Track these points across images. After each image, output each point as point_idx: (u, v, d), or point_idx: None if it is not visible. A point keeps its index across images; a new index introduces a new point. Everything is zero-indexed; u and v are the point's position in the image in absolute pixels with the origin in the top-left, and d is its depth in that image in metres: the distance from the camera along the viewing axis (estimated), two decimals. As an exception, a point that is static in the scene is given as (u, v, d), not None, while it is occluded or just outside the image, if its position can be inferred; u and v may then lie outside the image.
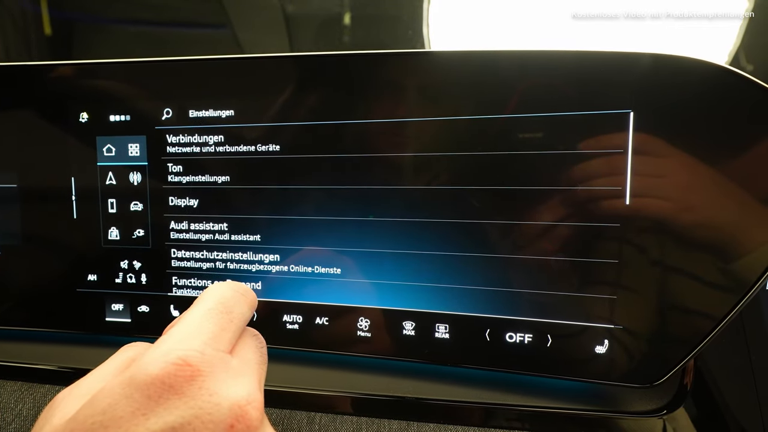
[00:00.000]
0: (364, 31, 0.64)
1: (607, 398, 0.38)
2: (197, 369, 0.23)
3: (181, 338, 0.24)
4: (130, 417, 0.21)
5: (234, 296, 0.28)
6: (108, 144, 0.41)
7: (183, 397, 0.22)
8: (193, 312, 0.26)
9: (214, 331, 0.26)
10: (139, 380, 0.22)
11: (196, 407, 0.22)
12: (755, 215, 0.31)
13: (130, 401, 0.22)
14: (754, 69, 0.58)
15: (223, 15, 0.64)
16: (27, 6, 0.70)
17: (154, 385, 0.22)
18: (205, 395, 0.23)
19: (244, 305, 0.28)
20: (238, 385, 0.24)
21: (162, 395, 0.22)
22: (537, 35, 0.58)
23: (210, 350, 0.24)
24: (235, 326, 0.27)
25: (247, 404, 0.24)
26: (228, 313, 0.27)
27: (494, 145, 0.36)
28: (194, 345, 0.24)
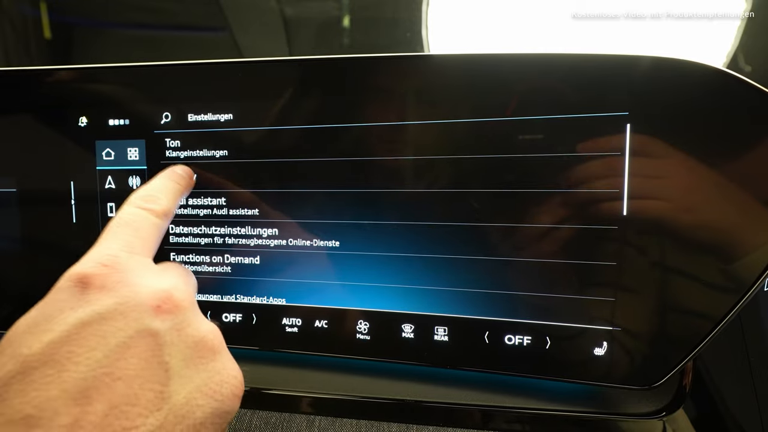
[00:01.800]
0: (363, 33, 0.64)
1: (606, 400, 0.38)
2: (113, 268, 0.25)
3: (97, 250, 0.27)
4: (57, 312, 0.24)
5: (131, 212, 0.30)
6: (107, 148, 0.42)
7: (103, 290, 0.24)
8: (101, 235, 0.29)
9: (124, 239, 0.28)
10: (63, 286, 0.25)
11: (117, 296, 0.24)
12: (753, 216, 0.31)
13: (56, 302, 0.24)
14: (752, 70, 0.58)
15: (222, 19, 0.65)
16: (26, 10, 0.70)
17: (77, 287, 0.24)
18: (126, 286, 0.25)
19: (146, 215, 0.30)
20: (158, 278, 0.27)
21: (85, 291, 0.24)
22: (537, 36, 0.58)
23: (124, 254, 0.27)
24: (144, 233, 0.29)
25: (170, 288, 0.26)
26: (129, 224, 0.29)
27: (493, 147, 0.36)
28: (108, 251, 0.27)
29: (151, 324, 0.24)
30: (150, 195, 0.32)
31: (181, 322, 0.25)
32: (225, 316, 0.41)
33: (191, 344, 0.25)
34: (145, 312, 0.24)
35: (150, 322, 0.24)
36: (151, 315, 0.24)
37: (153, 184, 0.33)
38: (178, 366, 0.24)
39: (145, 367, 0.23)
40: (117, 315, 0.24)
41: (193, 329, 0.26)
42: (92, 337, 0.23)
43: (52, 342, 0.22)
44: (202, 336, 0.26)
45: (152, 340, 0.24)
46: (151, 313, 0.24)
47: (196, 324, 0.26)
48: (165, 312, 0.25)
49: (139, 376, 0.23)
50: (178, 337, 0.25)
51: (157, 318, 0.24)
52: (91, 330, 0.23)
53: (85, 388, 0.21)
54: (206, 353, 0.26)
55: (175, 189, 0.34)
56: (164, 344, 0.24)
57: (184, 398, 0.24)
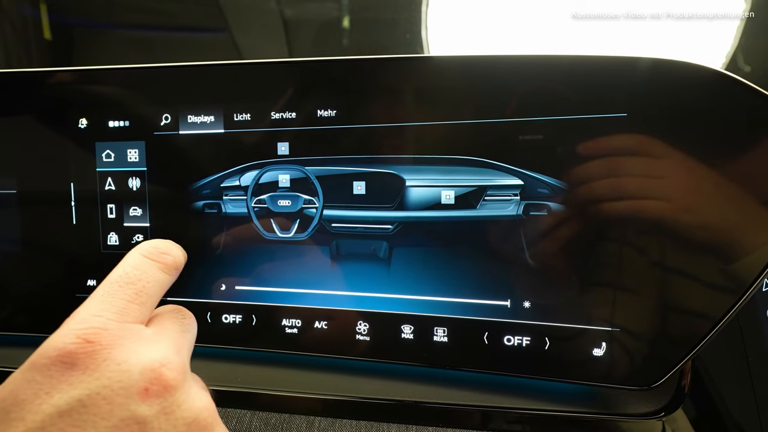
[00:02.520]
0: (363, 34, 0.64)
1: (606, 400, 0.38)
2: (98, 344, 0.22)
3: (84, 317, 0.24)
4: (32, 398, 0.21)
5: (140, 265, 0.27)
6: (107, 149, 0.42)
7: (87, 371, 0.22)
8: (98, 289, 0.26)
9: (119, 304, 0.25)
10: (39, 363, 0.22)
11: (103, 378, 0.22)
12: (753, 217, 0.32)
13: (31, 384, 0.21)
14: (751, 70, 0.58)
15: (222, 20, 0.65)
16: (26, 11, 0.70)
17: (55, 366, 0.22)
18: (112, 365, 0.22)
19: (154, 271, 0.27)
20: (150, 351, 0.24)
21: (64, 373, 0.21)
22: (537, 36, 0.58)
23: (114, 324, 0.24)
24: (145, 296, 0.26)
25: (160, 366, 0.23)
26: (133, 283, 0.26)
27: (492, 148, 0.36)
28: (95, 323, 0.23)
29: (138, 410, 0.22)
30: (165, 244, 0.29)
31: (170, 405, 0.23)
32: (225, 317, 0.41)
33: (182, 427, 0.23)
34: (132, 397, 0.22)
35: (136, 408, 0.22)
36: (138, 400, 0.22)
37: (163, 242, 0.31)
38: None
39: None
40: (100, 401, 0.21)
41: (183, 410, 0.23)
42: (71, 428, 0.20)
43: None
44: (194, 416, 0.24)
45: (138, 428, 0.22)
46: (139, 398, 0.22)
47: (187, 404, 0.24)
48: (153, 395, 0.22)
49: None
50: (167, 422, 0.22)
51: (145, 403, 0.22)
52: (69, 420, 0.20)
53: None
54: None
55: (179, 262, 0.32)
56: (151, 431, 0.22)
57: None
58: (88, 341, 0.22)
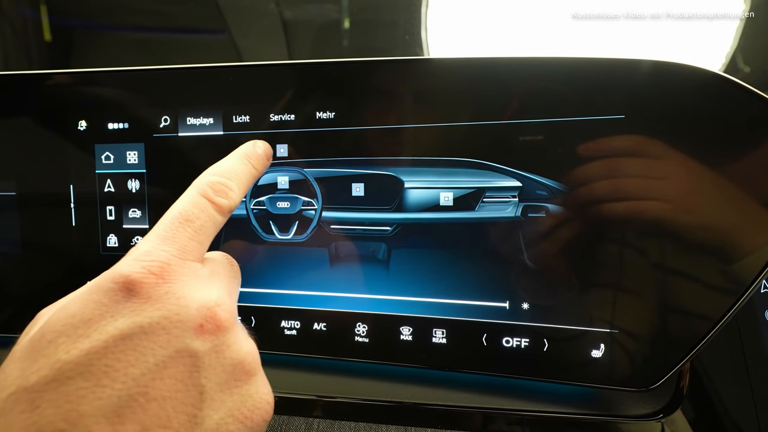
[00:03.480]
0: (362, 36, 0.64)
1: (605, 402, 0.38)
2: (161, 277, 0.24)
3: (148, 250, 0.25)
4: (98, 318, 0.22)
5: (197, 204, 0.28)
6: (106, 151, 0.42)
7: (150, 300, 0.23)
8: (159, 224, 0.27)
9: (181, 241, 0.26)
10: (106, 287, 0.23)
11: (164, 309, 0.23)
12: (750, 218, 0.32)
13: (98, 305, 0.22)
14: (751, 71, 0.58)
15: (222, 21, 0.65)
16: (26, 12, 0.70)
17: (121, 292, 0.23)
18: (172, 299, 0.23)
19: (211, 211, 0.28)
20: (206, 290, 0.25)
21: (129, 299, 0.23)
22: (537, 36, 0.58)
23: (176, 260, 0.25)
24: (203, 235, 0.27)
25: (215, 306, 0.24)
26: (192, 221, 0.27)
27: (491, 150, 0.36)
28: (159, 257, 0.25)
29: (192, 344, 0.23)
30: (223, 183, 0.29)
31: (221, 344, 0.24)
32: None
33: (228, 367, 0.24)
34: (188, 331, 0.23)
35: (191, 342, 0.23)
36: (192, 335, 0.23)
37: (228, 166, 0.31)
38: (213, 390, 0.23)
39: (181, 389, 0.22)
40: (159, 330, 0.22)
41: (231, 351, 0.24)
42: (131, 352, 0.22)
43: (91, 352, 0.21)
44: (240, 359, 0.25)
45: (191, 361, 0.23)
46: (194, 333, 0.23)
47: (236, 346, 0.25)
48: (207, 332, 0.24)
49: (174, 398, 0.22)
50: (216, 360, 0.24)
51: (199, 338, 0.23)
52: (131, 344, 0.22)
53: (119, 406, 0.20)
54: (242, 376, 0.25)
55: (250, 176, 0.32)
56: (202, 366, 0.23)
57: (216, 423, 0.23)
58: (152, 272, 0.24)
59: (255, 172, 0.32)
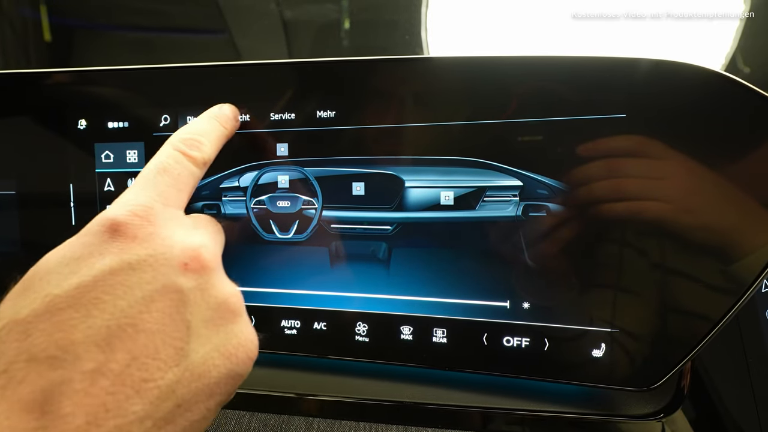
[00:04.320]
0: (362, 36, 0.64)
1: (605, 402, 0.38)
2: (146, 219, 0.25)
3: (131, 198, 0.26)
4: (87, 256, 0.23)
5: (171, 156, 0.29)
6: (106, 151, 0.42)
7: (136, 240, 0.24)
8: (139, 177, 0.28)
9: (161, 188, 0.27)
10: (93, 230, 0.24)
11: (149, 248, 0.24)
12: (752, 218, 0.32)
13: (86, 245, 0.24)
14: (751, 71, 0.58)
15: (222, 21, 0.65)
16: (26, 12, 0.70)
17: (108, 233, 0.24)
18: (157, 239, 0.25)
19: (186, 163, 0.29)
20: (189, 234, 0.26)
21: (116, 239, 0.24)
22: (537, 36, 0.58)
23: (159, 206, 0.26)
24: (182, 183, 0.28)
25: (199, 247, 0.26)
26: (168, 171, 0.28)
27: (493, 149, 0.36)
28: (143, 201, 0.26)
29: (177, 281, 0.24)
30: (194, 139, 0.31)
31: (205, 282, 0.25)
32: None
33: (213, 305, 0.25)
34: (173, 268, 0.24)
35: (176, 279, 0.24)
36: (178, 272, 0.24)
37: (198, 126, 0.32)
38: (198, 325, 0.24)
39: (168, 322, 0.23)
40: (146, 267, 0.23)
41: (216, 291, 0.26)
42: (119, 286, 0.23)
43: (80, 285, 0.22)
44: (224, 298, 0.26)
45: (177, 296, 0.24)
46: (179, 270, 0.24)
47: (220, 286, 0.26)
48: (192, 271, 0.25)
49: (161, 331, 0.23)
50: (201, 297, 0.25)
51: (184, 275, 0.24)
52: (118, 279, 0.23)
53: (108, 335, 0.21)
54: (227, 315, 0.26)
55: (221, 133, 0.33)
56: (187, 302, 0.24)
57: (202, 357, 0.24)
58: (137, 215, 0.25)
59: (224, 131, 0.34)
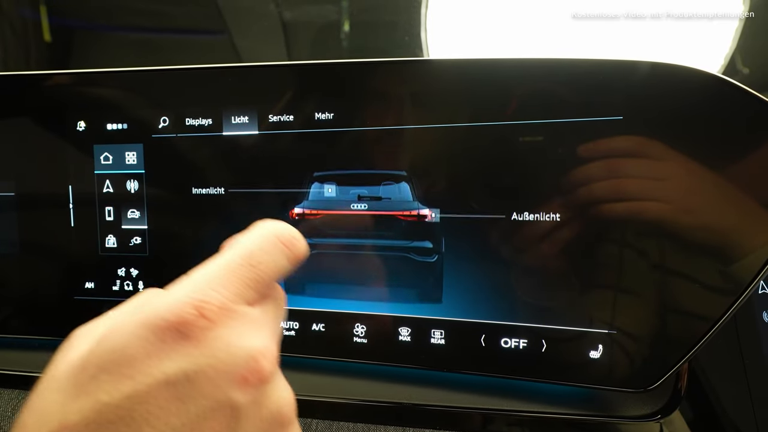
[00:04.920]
0: (362, 37, 0.64)
1: (603, 403, 0.38)
2: (212, 321, 0.23)
3: (202, 289, 0.24)
4: (143, 357, 0.21)
5: (266, 247, 0.26)
6: (105, 152, 0.42)
7: (198, 345, 0.22)
8: (218, 261, 0.25)
9: (238, 286, 0.25)
10: (153, 323, 0.22)
11: (210, 356, 0.22)
12: (749, 219, 0.32)
13: (143, 342, 0.21)
14: (750, 72, 0.58)
15: (221, 22, 0.65)
16: (26, 13, 0.70)
17: (169, 330, 0.22)
18: (221, 345, 0.22)
19: (278, 256, 0.26)
20: (254, 337, 0.24)
21: (177, 341, 0.22)
22: (536, 36, 0.58)
23: (230, 305, 0.24)
24: (263, 282, 0.26)
25: (261, 357, 0.24)
26: (256, 267, 0.25)
27: (492, 150, 0.36)
28: (213, 299, 0.23)
29: (234, 396, 0.22)
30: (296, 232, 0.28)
31: (261, 396, 0.24)
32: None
33: (267, 418, 0.24)
34: (231, 382, 0.22)
35: (233, 395, 0.22)
36: (235, 386, 0.22)
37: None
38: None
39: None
40: (204, 380, 0.22)
41: (271, 402, 0.24)
42: (174, 400, 0.21)
43: (133, 396, 0.21)
44: (278, 409, 0.24)
45: (231, 413, 0.22)
46: (237, 385, 0.22)
47: (275, 396, 0.24)
48: (251, 385, 0.23)
49: None
50: (255, 412, 0.23)
51: (241, 390, 0.23)
52: (174, 391, 0.21)
53: None
54: (278, 427, 0.24)
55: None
56: (240, 418, 0.22)
57: None
58: (204, 316, 0.22)
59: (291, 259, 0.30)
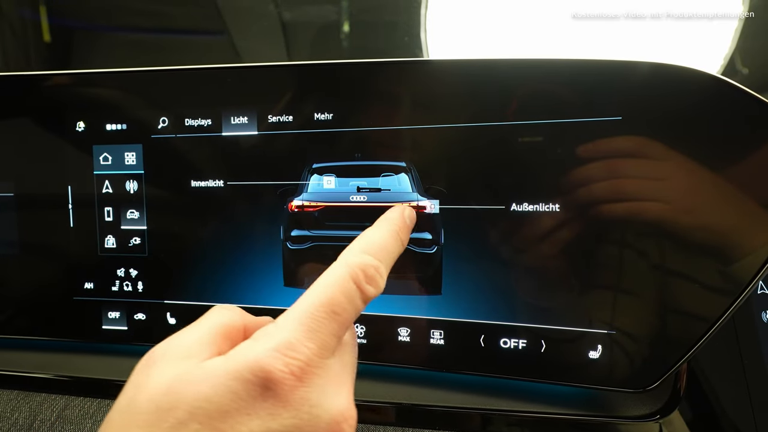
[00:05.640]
0: (362, 38, 0.64)
1: (603, 403, 0.38)
2: (300, 380, 0.23)
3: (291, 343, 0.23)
4: (234, 413, 0.21)
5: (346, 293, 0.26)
6: (104, 153, 0.42)
7: (287, 406, 0.22)
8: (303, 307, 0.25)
9: (324, 338, 0.24)
10: (244, 378, 0.22)
11: (297, 417, 0.22)
12: (749, 220, 0.32)
13: (234, 396, 0.22)
14: (749, 73, 0.58)
15: (221, 23, 0.65)
16: (26, 13, 0.70)
17: (259, 388, 0.22)
18: (307, 406, 0.23)
19: (357, 301, 0.26)
20: (337, 396, 0.24)
21: (267, 400, 0.22)
22: (537, 36, 0.58)
23: (316, 361, 0.24)
24: (344, 329, 0.26)
25: (343, 421, 0.24)
26: (340, 315, 0.25)
27: (491, 151, 0.36)
28: (301, 355, 0.23)
29: None
30: (374, 267, 0.27)
31: None
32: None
33: None
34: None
35: None
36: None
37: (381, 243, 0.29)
38: None
39: None
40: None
41: None
42: None
43: None
44: None
45: None
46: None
47: None
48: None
49: None
50: None
51: None
52: None
53: None
54: None
55: (397, 254, 0.30)
56: None
57: None
58: (293, 373, 0.23)
59: (402, 249, 0.30)
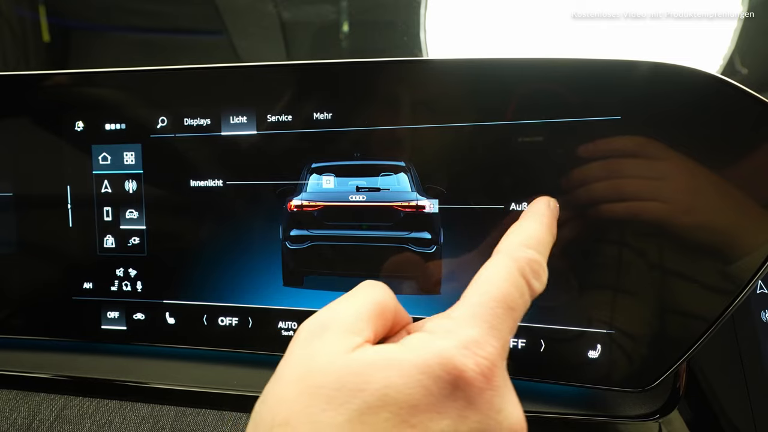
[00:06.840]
0: (361, 37, 0.64)
1: (601, 403, 0.38)
2: (488, 381, 0.22)
3: (481, 341, 0.22)
4: (425, 409, 0.20)
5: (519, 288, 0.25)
6: (103, 152, 0.42)
7: (472, 407, 0.21)
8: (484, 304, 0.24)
9: (505, 337, 0.23)
10: (435, 374, 0.21)
11: (482, 421, 0.21)
12: (748, 219, 0.32)
13: (426, 392, 0.21)
14: (748, 72, 0.58)
15: (220, 22, 0.65)
16: (25, 13, 0.70)
17: (450, 387, 0.21)
18: (492, 412, 0.22)
19: (527, 298, 0.25)
20: (514, 403, 0.23)
21: (457, 400, 0.21)
22: (536, 36, 0.58)
23: (501, 362, 0.23)
24: (516, 328, 0.25)
25: (521, 430, 0.23)
26: (514, 310, 0.24)
27: (491, 150, 0.36)
28: (491, 355, 0.22)
29: None
30: (539, 263, 0.26)
31: None
32: (221, 319, 0.41)
33: None
34: None
35: None
36: None
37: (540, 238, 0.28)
38: None
39: None
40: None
41: None
42: None
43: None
44: None
45: None
46: None
47: None
48: None
49: None
50: None
51: None
52: None
53: None
54: None
55: (551, 246, 0.29)
56: None
57: None
58: (482, 374, 0.22)
59: (553, 242, 0.30)
